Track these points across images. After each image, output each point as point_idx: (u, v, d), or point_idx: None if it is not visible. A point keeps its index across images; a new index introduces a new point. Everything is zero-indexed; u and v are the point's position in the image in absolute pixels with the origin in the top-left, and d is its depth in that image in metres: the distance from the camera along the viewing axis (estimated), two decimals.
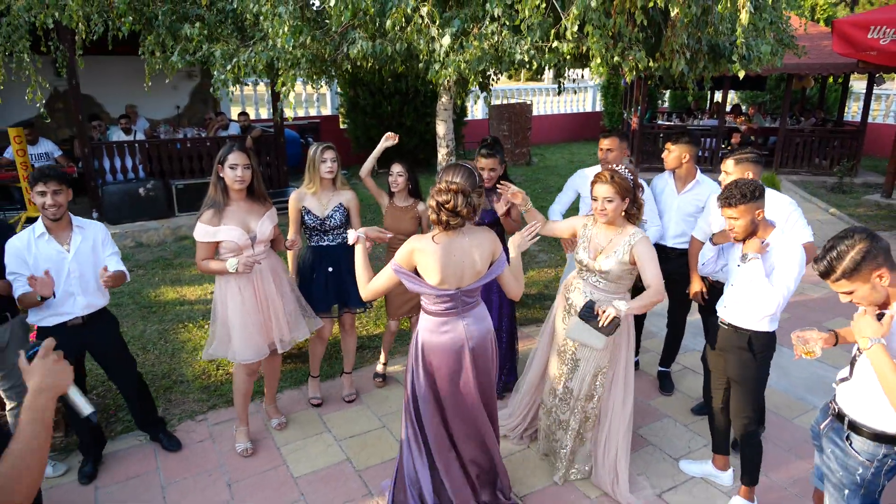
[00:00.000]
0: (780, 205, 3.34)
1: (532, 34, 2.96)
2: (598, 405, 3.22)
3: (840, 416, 2.31)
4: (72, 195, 3.25)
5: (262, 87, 12.41)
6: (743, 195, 2.76)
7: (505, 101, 14.74)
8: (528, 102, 13.96)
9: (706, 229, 3.64)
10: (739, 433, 3.09)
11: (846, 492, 2.29)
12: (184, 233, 7.89)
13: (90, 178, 7.75)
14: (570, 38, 2.81)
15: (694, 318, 4.30)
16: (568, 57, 3.24)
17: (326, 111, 13.49)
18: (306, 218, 3.82)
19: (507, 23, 2.94)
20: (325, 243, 3.88)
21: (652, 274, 2.93)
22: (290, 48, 3.45)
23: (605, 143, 3.82)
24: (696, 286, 3.72)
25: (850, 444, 2.26)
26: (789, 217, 3.32)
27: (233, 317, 3.42)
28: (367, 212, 7.94)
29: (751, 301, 2.86)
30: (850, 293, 2.06)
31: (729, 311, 2.99)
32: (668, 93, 17.39)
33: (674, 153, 3.83)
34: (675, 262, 3.94)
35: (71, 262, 3.19)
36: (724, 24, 3.37)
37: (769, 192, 3.06)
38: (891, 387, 1.97)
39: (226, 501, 3.28)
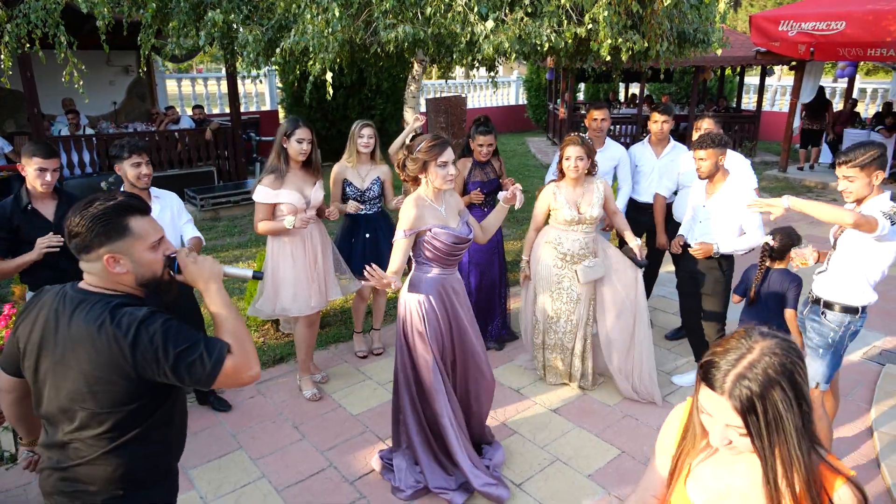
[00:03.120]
0: (736, 158, 4.18)
1: (550, 19, 3.55)
2: (593, 328, 3.99)
3: (817, 301, 3.09)
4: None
5: (212, 84, 12.30)
6: (712, 141, 3.59)
7: (440, 95, 15.33)
8: (463, 95, 14.59)
9: (669, 186, 4.47)
10: (711, 336, 3.88)
11: (821, 351, 3.07)
12: None
13: None
14: (587, 21, 3.43)
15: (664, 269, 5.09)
16: (570, 41, 3.87)
17: (266, 107, 13.52)
18: (348, 189, 4.20)
19: (530, 10, 3.51)
20: (363, 212, 4.28)
21: (614, 205, 3.92)
22: (328, 34, 3.84)
23: (598, 114, 4.47)
24: (661, 238, 4.59)
25: (825, 317, 3.04)
26: (742, 167, 4.16)
27: (285, 274, 3.79)
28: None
29: (724, 230, 3.63)
30: (851, 181, 2.79)
31: (702, 241, 3.74)
32: (582, 86, 18.67)
33: (663, 124, 4.53)
34: (652, 216, 4.69)
35: None
36: (692, 13, 4.13)
37: (730, 152, 3.90)
38: (818, 213, 2.76)
39: (299, 439, 3.65)
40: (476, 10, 3.46)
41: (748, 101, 16.15)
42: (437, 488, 3.09)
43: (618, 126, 13.13)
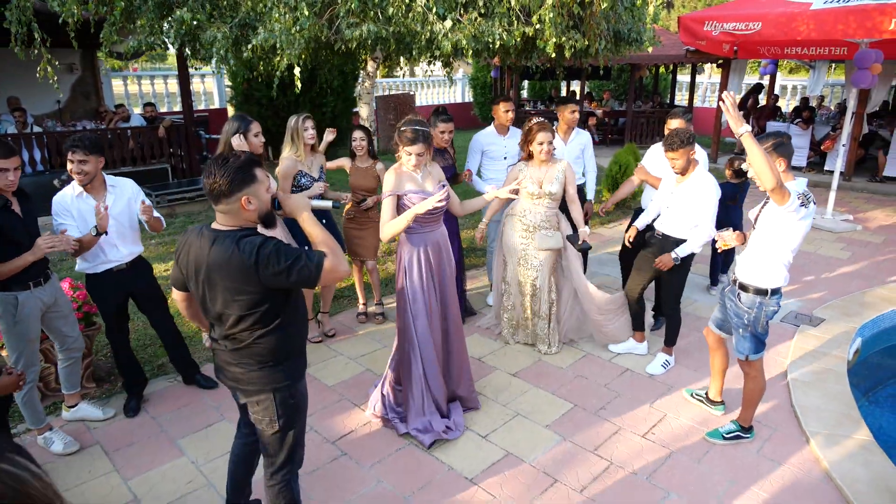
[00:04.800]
0: (698, 151, 4.60)
1: (501, 19, 3.93)
2: (557, 293, 4.48)
3: (734, 281, 3.48)
4: (103, 162, 3.63)
5: (159, 82, 12.18)
6: (682, 141, 3.87)
7: (389, 93, 15.59)
8: (412, 93, 14.92)
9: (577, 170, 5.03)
10: (669, 311, 4.29)
11: (741, 330, 3.42)
12: None
13: None
14: (535, 22, 3.83)
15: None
16: (518, 39, 4.27)
17: (214, 105, 13.47)
18: (303, 181, 4.40)
19: (483, 11, 3.88)
20: (315, 202, 4.54)
21: (573, 189, 4.32)
22: (295, 31, 4.11)
23: (504, 106, 4.93)
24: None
25: (740, 299, 3.38)
26: (702, 159, 4.60)
27: None
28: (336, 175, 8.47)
29: (685, 219, 4.03)
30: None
31: (664, 225, 4.16)
32: (526, 83, 19.29)
33: (571, 115, 5.00)
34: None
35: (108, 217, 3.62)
36: (626, 14, 4.60)
37: None
38: (755, 156, 2.87)
39: None
40: (434, 10, 3.81)
41: (681, 98, 17.09)
42: (389, 412, 3.70)
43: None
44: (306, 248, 2.26)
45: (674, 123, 4.52)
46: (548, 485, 3.19)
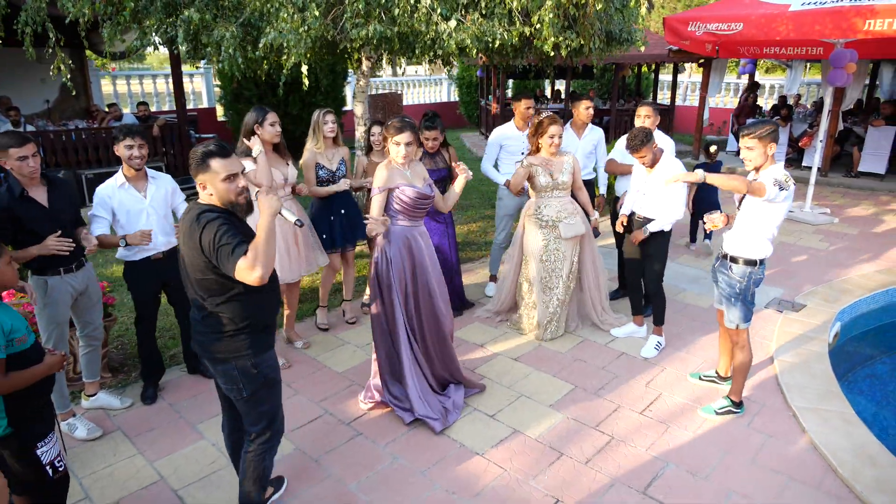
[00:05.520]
0: (663, 138, 4.88)
1: (501, 19, 4.13)
2: (575, 279, 4.74)
3: (725, 256, 3.77)
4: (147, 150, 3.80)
5: (148, 82, 12.17)
6: (642, 141, 4.17)
7: (377, 92, 15.72)
8: (399, 93, 15.06)
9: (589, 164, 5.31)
10: (653, 291, 4.55)
11: (732, 299, 3.74)
12: None
13: None
14: (534, 22, 4.03)
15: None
16: (516, 39, 4.47)
17: (203, 104, 13.50)
18: (321, 172, 4.61)
19: (484, 12, 4.07)
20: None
21: (580, 178, 4.62)
22: (303, 31, 4.26)
23: (525, 103, 5.17)
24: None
25: (731, 270, 3.71)
26: (668, 145, 4.88)
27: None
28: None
29: (660, 202, 4.30)
30: (751, 150, 3.45)
31: (644, 209, 4.42)
32: (511, 82, 19.53)
33: (585, 112, 5.23)
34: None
35: (148, 207, 3.77)
36: (617, 15, 4.82)
37: (655, 132, 4.59)
38: (728, 186, 3.40)
39: (293, 394, 4.06)
40: (439, 11, 3.99)
41: (663, 97, 17.47)
42: (389, 401, 3.79)
43: None
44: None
45: (643, 111, 4.82)
46: (554, 458, 3.39)
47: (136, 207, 3.75)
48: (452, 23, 3.96)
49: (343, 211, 4.75)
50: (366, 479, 3.25)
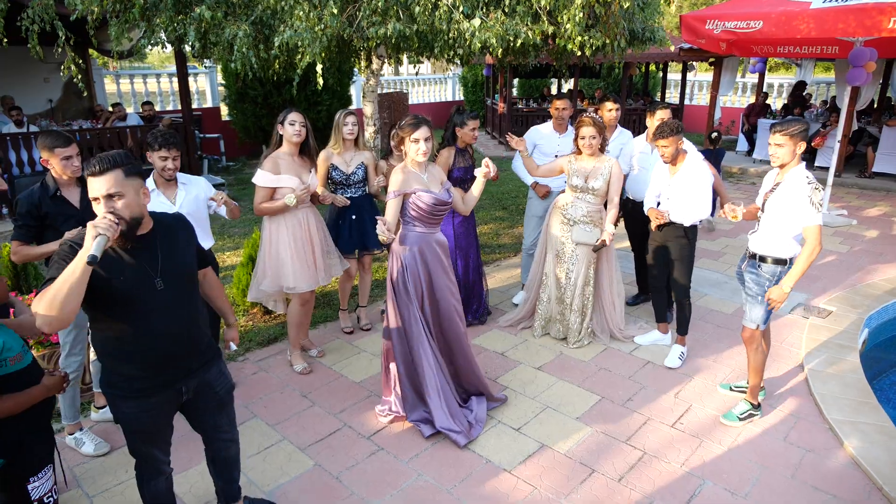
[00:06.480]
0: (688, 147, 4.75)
1: (524, 17, 3.98)
2: (592, 289, 4.48)
3: (753, 256, 3.65)
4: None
5: (152, 82, 12.03)
6: (671, 130, 4.08)
7: (383, 91, 15.57)
8: (405, 92, 14.92)
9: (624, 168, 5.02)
10: (679, 299, 4.40)
11: (759, 297, 3.62)
12: None
13: None
14: (564, 21, 3.89)
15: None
16: (539, 39, 4.32)
17: (207, 104, 13.36)
18: (334, 174, 4.48)
19: (507, 10, 3.93)
20: (349, 195, 4.56)
21: (615, 189, 4.33)
22: (319, 30, 4.12)
23: (559, 104, 5.00)
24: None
25: (760, 269, 3.60)
26: (690, 147, 4.74)
27: (284, 252, 4.03)
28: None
29: (685, 204, 4.17)
30: (781, 146, 3.35)
31: (668, 214, 4.27)
32: (516, 82, 19.38)
33: (609, 114, 5.07)
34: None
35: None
36: (640, 13, 4.68)
37: None
38: (802, 269, 3.39)
39: (310, 405, 3.92)
40: (461, 9, 3.85)
41: (670, 96, 17.31)
42: (412, 420, 3.62)
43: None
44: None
45: (660, 114, 4.69)
46: (586, 475, 3.25)
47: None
48: (476, 21, 3.82)
49: (354, 217, 4.59)
50: (390, 497, 3.11)
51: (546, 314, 4.69)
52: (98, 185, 2.08)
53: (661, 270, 4.49)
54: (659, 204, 4.41)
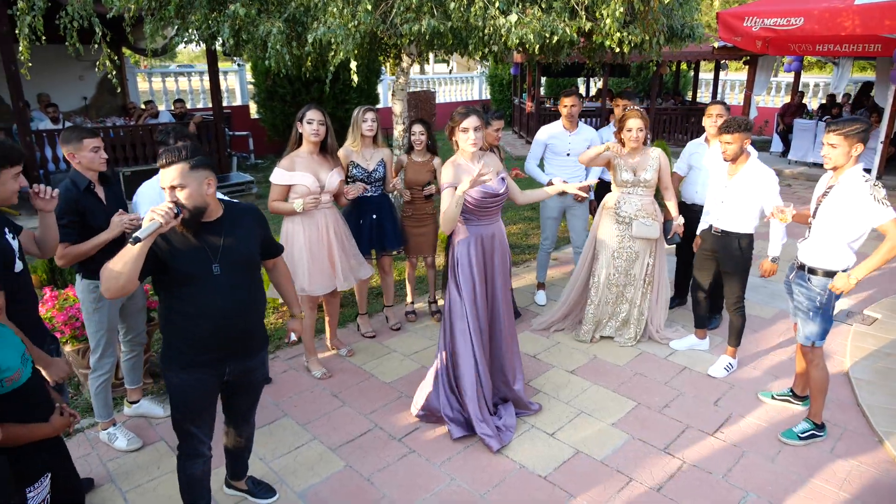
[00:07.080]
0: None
1: (561, 14, 3.90)
2: (648, 283, 4.53)
3: (802, 266, 3.48)
4: None
5: (183, 79, 12.18)
6: (739, 125, 3.78)
7: (410, 89, 15.57)
8: (433, 91, 14.88)
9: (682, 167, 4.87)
10: (732, 309, 4.18)
11: (811, 313, 3.44)
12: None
13: (32, 168, 7.49)
14: (606, 16, 3.81)
15: None
16: (576, 35, 4.23)
17: (236, 102, 13.48)
18: (354, 171, 4.38)
19: (543, 6, 3.85)
20: (368, 194, 4.44)
21: (668, 177, 4.36)
22: (352, 26, 4.08)
23: (567, 101, 4.92)
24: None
25: (810, 282, 3.41)
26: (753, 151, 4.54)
27: (298, 254, 3.93)
28: None
29: (742, 211, 3.95)
30: (834, 147, 3.17)
31: (722, 221, 4.07)
32: (544, 80, 19.21)
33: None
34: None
35: None
36: (678, 8, 4.56)
37: None
38: (878, 263, 3.18)
39: (340, 405, 3.89)
40: (497, 5, 3.78)
41: (700, 95, 16.99)
42: (446, 416, 3.56)
43: (582, 119, 13.65)
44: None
45: (716, 110, 4.52)
46: (623, 483, 3.16)
47: None
48: (513, 17, 3.75)
49: (374, 216, 4.51)
50: (422, 501, 3.05)
51: (597, 316, 4.59)
52: (166, 176, 2.29)
53: (706, 279, 4.29)
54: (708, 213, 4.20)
